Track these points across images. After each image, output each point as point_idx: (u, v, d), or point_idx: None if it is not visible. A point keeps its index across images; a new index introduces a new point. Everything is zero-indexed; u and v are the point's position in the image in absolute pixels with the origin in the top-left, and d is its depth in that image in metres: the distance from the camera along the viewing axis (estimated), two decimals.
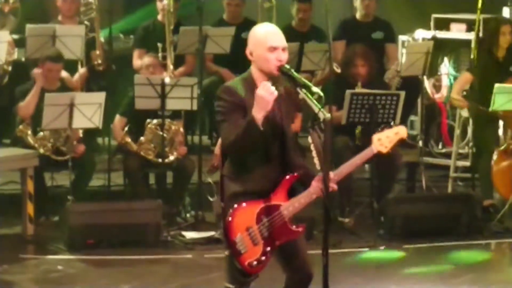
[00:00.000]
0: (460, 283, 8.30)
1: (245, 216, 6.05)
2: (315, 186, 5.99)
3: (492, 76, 10.08)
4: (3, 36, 10.20)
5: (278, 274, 6.24)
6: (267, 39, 6.00)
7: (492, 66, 10.25)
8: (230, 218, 6.05)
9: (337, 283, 6.03)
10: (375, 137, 6.23)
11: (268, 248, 6.00)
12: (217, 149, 8.23)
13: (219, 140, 6.69)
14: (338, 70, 9.16)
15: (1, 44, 10.02)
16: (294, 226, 6.04)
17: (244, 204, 6.05)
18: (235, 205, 6.03)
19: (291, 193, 6.09)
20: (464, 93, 10.82)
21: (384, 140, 6.20)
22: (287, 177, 6.04)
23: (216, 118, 6.10)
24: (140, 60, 10.60)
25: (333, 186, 5.99)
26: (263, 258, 5.99)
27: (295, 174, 6.05)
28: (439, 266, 8.87)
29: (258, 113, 5.90)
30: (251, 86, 6.02)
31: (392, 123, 9.17)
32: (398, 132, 6.29)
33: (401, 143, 10.30)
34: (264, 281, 6.27)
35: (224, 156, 6.25)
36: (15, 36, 10.55)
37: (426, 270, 8.70)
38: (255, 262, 5.98)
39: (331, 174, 6.00)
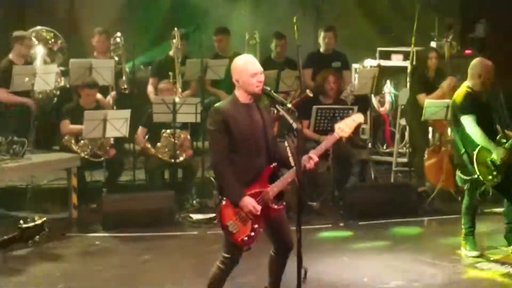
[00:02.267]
0: (400, 251, 8.32)
1: (237, 208, 5.97)
2: (290, 173, 5.96)
3: (426, 91, 10.08)
4: (53, 68, 10.26)
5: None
6: (248, 68, 5.94)
7: (426, 84, 10.21)
8: (221, 207, 5.99)
9: (304, 254, 5.88)
10: (336, 126, 6.16)
11: (256, 226, 5.94)
12: None
13: None
14: (311, 95, 9.10)
15: (51, 74, 10.06)
16: (275, 205, 5.99)
17: None
18: (224, 200, 5.98)
19: (273, 179, 6.03)
20: (403, 106, 10.94)
21: (343, 127, 6.12)
22: (265, 169, 5.98)
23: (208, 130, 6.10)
24: (152, 87, 10.60)
25: (315, 159, 5.97)
26: (252, 233, 5.93)
27: (271, 166, 5.98)
28: (384, 239, 8.83)
29: (238, 196, 5.90)
30: (235, 105, 6.00)
31: (350, 112, 9.10)
32: (355, 119, 6.25)
33: (355, 145, 10.41)
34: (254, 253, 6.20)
35: None
36: (62, 68, 10.51)
37: (373, 243, 8.69)
38: (246, 238, 5.93)
39: (311, 153, 5.97)
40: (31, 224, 4.53)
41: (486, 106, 8.08)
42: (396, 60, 11.40)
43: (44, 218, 4.59)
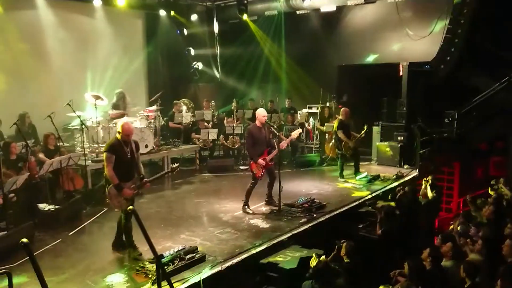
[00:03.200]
0: (316, 180, 7.96)
1: (256, 164, 5.87)
2: (274, 151, 5.90)
3: (324, 123, 9.62)
4: (189, 114, 9.84)
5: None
6: (262, 113, 5.86)
7: (324, 119, 9.70)
8: (251, 163, 5.87)
9: (282, 181, 5.97)
10: (292, 133, 6.06)
11: (263, 170, 5.93)
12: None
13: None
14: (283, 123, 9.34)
15: (188, 116, 9.70)
16: (270, 163, 5.96)
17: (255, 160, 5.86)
18: (252, 161, 5.85)
19: (269, 153, 5.95)
20: (316, 127, 10.02)
21: (293, 133, 6.03)
22: (266, 150, 5.91)
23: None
24: (226, 120, 10.14)
25: (284, 145, 5.79)
26: (263, 172, 5.94)
27: (268, 149, 5.87)
28: (311, 173, 8.50)
29: (256, 159, 5.68)
30: (255, 127, 5.86)
31: (299, 127, 8.55)
32: (297, 130, 6.21)
33: (299, 141, 9.75)
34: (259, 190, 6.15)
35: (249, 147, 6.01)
36: (192, 114, 10.06)
37: (307, 177, 8.27)
38: (260, 174, 5.93)
39: (282, 142, 5.78)
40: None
41: (347, 126, 7.56)
42: (314, 109, 10.48)
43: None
